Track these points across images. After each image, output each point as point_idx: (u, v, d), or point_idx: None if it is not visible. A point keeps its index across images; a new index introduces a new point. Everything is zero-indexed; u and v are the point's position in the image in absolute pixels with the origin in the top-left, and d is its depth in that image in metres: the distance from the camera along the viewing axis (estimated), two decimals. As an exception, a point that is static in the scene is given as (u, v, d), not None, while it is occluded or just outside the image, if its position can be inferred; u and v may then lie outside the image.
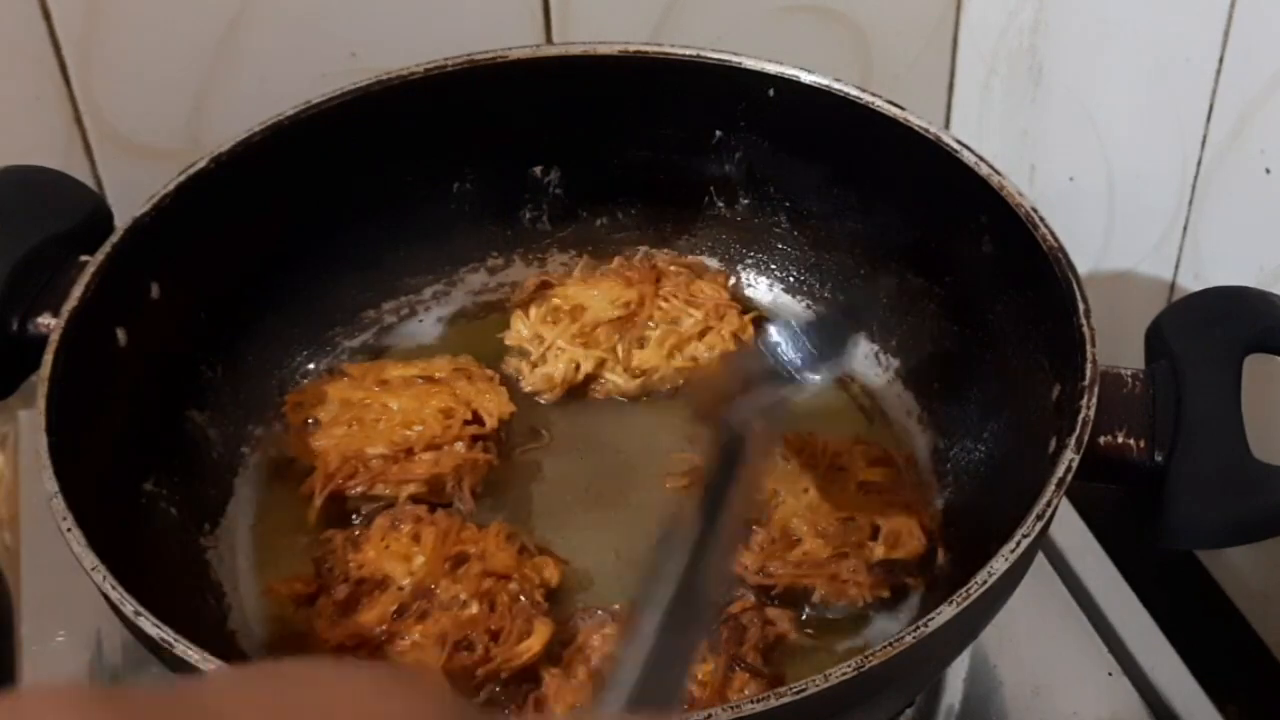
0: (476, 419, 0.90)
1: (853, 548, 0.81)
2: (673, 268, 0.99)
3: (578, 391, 0.95)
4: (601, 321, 0.95)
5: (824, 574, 0.81)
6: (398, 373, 0.92)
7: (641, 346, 0.95)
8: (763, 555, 0.81)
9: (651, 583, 0.53)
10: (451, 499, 0.87)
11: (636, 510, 0.88)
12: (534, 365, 0.95)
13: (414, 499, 0.86)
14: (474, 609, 0.78)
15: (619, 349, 0.95)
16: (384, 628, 0.78)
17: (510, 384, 0.94)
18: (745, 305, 0.99)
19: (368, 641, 0.78)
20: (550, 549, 0.85)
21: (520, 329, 0.96)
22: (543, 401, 0.94)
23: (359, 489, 0.87)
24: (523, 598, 0.80)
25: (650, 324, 0.95)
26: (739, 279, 1.02)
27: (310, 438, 0.89)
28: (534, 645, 0.77)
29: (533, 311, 0.97)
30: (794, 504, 0.83)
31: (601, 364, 0.94)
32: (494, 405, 0.91)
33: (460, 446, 0.88)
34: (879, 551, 0.82)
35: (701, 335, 0.95)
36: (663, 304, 0.96)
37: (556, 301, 0.97)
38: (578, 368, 0.94)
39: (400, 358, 0.97)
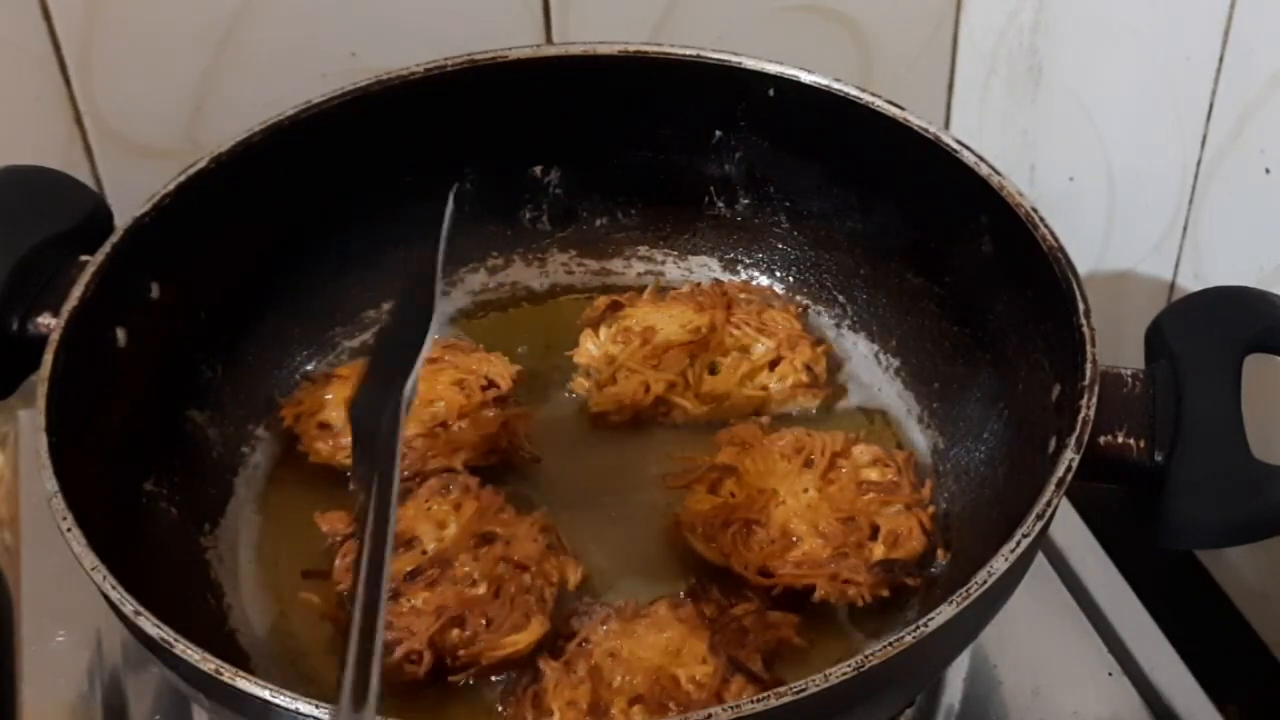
0: (491, 384, 0.91)
1: (852, 548, 0.81)
2: (743, 295, 0.98)
3: (645, 415, 0.93)
4: (673, 345, 0.93)
5: (824, 574, 0.81)
6: None
7: (713, 372, 0.93)
8: (763, 555, 0.81)
9: None
10: (509, 455, 0.89)
11: (637, 509, 0.88)
12: (602, 385, 0.94)
13: (471, 470, 0.87)
14: (480, 589, 0.79)
15: (689, 374, 0.93)
16: (393, 585, 0.79)
17: (577, 403, 0.94)
18: (816, 337, 0.97)
19: None
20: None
21: (590, 348, 0.95)
22: (608, 423, 0.93)
23: (411, 469, 0.87)
24: (531, 592, 0.80)
25: (722, 350, 0.94)
26: (805, 307, 1.00)
27: (333, 441, 0.89)
28: (521, 641, 0.78)
29: (602, 331, 0.96)
30: (794, 504, 0.83)
31: (671, 388, 0.93)
32: (502, 368, 0.92)
33: (489, 411, 0.89)
34: (879, 551, 0.82)
35: (773, 365, 0.94)
36: (734, 331, 0.94)
37: (627, 323, 0.95)
38: (647, 389, 0.92)
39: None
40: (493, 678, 0.79)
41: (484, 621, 0.78)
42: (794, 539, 0.82)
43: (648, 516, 0.87)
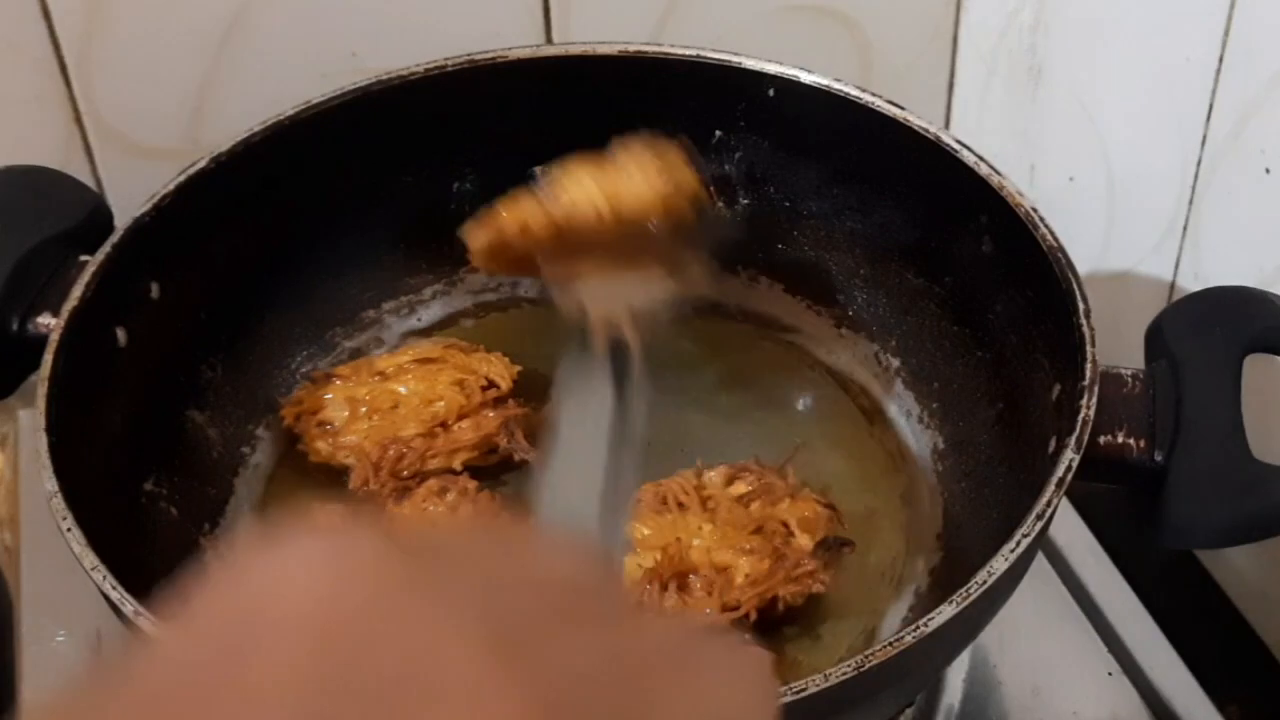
0: (491, 384, 0.91)
1: (783, 548, 0.81)
2: None
3: None
4: None
5: (778, 581, 0.80)
6: (391, 362, 0.93)
7: None
8: (716, 594, 0.80)
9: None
10: (510, 453, 0.89)
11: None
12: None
13: (471, 470, 0.87)
14: None
15: None
16: None
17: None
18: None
19: None
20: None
21: None
22: None
23: (411, 469, 0.87)
24: None
25: None
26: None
27: (335, 439, 0.89)
28: None
29: None
30: (703, 542, 0.82)
31: None
32: (502, 368, 0.92)
33: (489, 412, 0.90)
34: (804, 541, 0.82)
35: None
36: None
37: None
38: None
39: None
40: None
41: None
42: (729, 568, 0.81)
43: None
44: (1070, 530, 0.95)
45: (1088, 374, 0.73)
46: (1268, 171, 0.88)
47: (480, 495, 0.85)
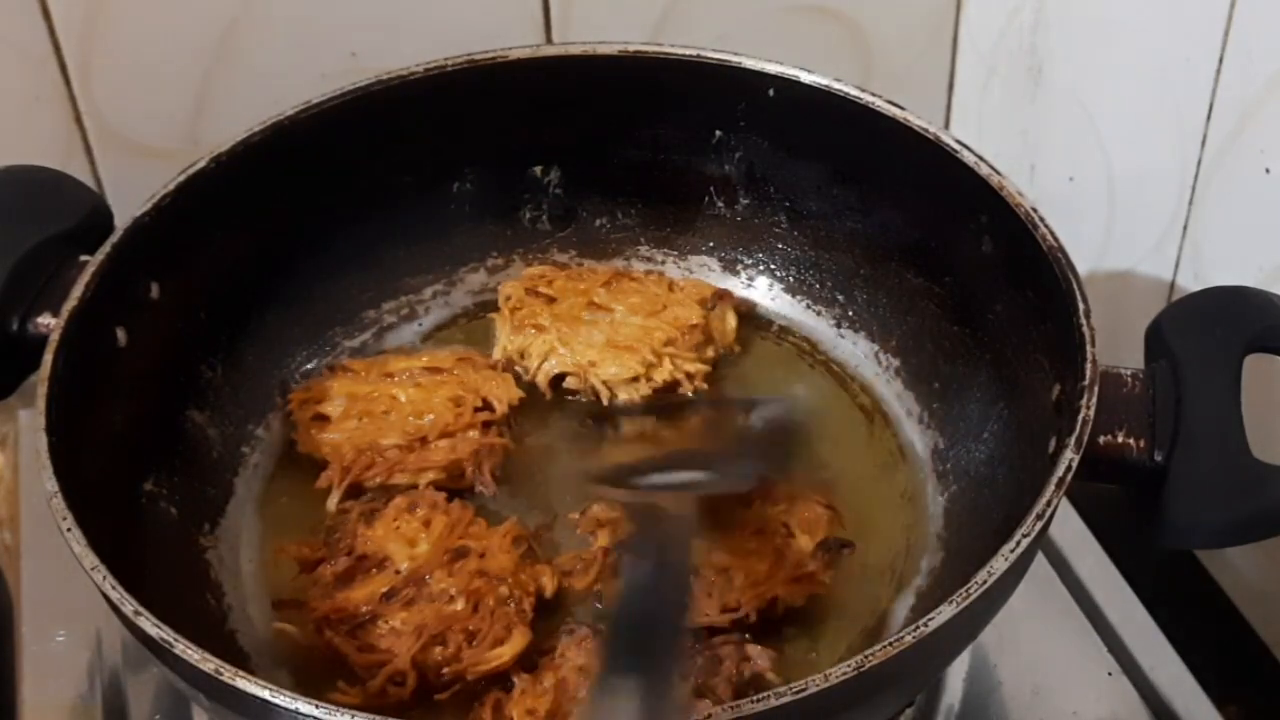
0: (486, 406, 0.91)
1: (784, 549, 0.81)
2: None
3: None
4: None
5: (778, 582, 0.80)
6: (402, 365, 0.93)
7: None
8: (716, 596, 0.80)
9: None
10: (472, 483, 0.88)
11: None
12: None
13: (435, 486, 0.87)
14: (459, 605, 0.78)
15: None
16: (369, 608, 0.79)
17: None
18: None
19: (351, 618, 0.79)
20: (558, 543, 0.85)
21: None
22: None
23: (377, 479, 0.87)
24: (510, 603, 0.79)
25: None
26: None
27: (320, 433, 0.89)
28: (505, 654, 0.77)
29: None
30: (701, 544, 0.81)
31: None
32: (502, 392, 0.92)
33: (474, 433, 0.89)
34: (804, 541, 0.82)
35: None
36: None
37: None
38: None
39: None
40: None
41: (465, 637, 0.77)
42: (728, 569, 0.81)
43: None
44: (1070, 530, 0.95)
45: (1088, 374, 0.73)
46: (1268, 171, 0.88)
47: (452, 505, 0.84)
